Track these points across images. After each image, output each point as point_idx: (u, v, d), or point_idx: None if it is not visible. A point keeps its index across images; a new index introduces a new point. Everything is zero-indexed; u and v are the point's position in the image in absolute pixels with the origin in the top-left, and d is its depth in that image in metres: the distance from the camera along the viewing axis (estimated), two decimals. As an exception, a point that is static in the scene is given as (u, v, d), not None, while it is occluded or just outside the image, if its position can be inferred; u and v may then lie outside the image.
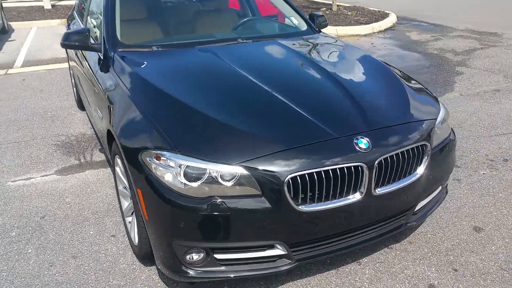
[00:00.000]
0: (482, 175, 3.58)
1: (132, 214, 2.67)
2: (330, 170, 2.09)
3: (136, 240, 2.51)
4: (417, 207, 2.56)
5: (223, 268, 2.17)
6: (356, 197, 2.17)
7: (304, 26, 3.82)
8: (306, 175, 2.05)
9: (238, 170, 2.01)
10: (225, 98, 2.45)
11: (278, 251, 2.18)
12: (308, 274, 2.51)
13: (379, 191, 2.23)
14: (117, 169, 2.70)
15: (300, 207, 2.07)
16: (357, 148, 2.16)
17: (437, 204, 2.76)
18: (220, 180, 2.02)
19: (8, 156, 4.08)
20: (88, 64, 3.46)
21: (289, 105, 2.39)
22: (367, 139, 2.21)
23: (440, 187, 2.73)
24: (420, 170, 2.38)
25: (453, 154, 2.72)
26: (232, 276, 2.17)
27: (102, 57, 3.11)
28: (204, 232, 2.05)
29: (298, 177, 2.05)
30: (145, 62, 2.88)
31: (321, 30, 3.94)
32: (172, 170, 2.04)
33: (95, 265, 2.63)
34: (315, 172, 2.06)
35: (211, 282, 2.44)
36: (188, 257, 2.11)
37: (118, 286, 2.45)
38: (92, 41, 3.21)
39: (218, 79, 2.66)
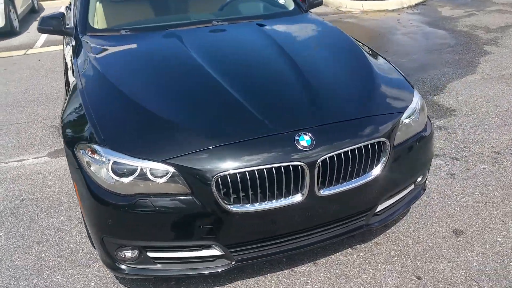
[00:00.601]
0: (482, 170, 3.29)
1: None
2: (265, 170, 1.96)
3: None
4: (379, 208, 2.37)
5: (158, 266, 2.12)
6: (297, 198, 2.03)
7: (291, 5, 3.59)
8: (237, 174, 1.93)
9: (165, 167, 1.92)
10: (169, 90, 2.35)
11: (215, 251, 2.09)
12: (260, 273, 2.41)
13: (325, 192, 2.07)
14: None
15: (231, 207, 1.96)
16: (298, 146, 2.00)
17: (407, 204, 2.55)
18: (150, 177, 1.94)
19: (7, 137, 4.21)
20: (65, 50, 3.46)
21: (235, 97, 2.25)
22: (311, 136, 2.04)
23: (412, 186, 2.51)
24: (377, 170, 2.18)
25: (427, 150, 2.49)
26: (169, 274, 2.12)
27: (73, 42, 3.09)
28: (132, 231, 2.00)
29: (228, 176, 1.93)
30: (104, 48, 2.82)
31: (312, 9, 3.69)
32: (102, 165, 1.98)
33: (56, 251, 2.67)
34: (248, 171, 1.94)
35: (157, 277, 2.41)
36: (120, 253, 2.08)
37: (71, 275, 2.48)
38: (67, 26, 3.18)
39: (170, 68, 2.56)
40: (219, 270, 2.12)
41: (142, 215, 1.95)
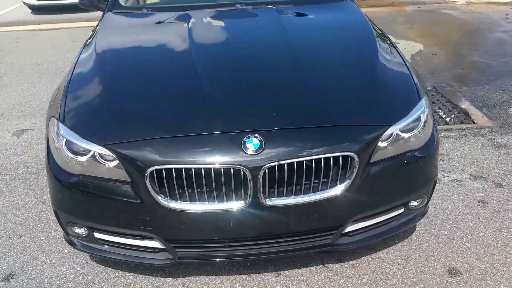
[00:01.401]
0: (524, 204, 2.76)
1: None
2: (203, 170, 1.85)
3: None
4: (350, 229, 2.12)
5: (106, 247, 2.15)
6: (239, 204, 1.89)
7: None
8: (174, 170, 1.85)
9: (107, 152, 1.91)
10: (141, 77, 2.32)
11: (157, 244, 2.05)
12: (217, 272, 2.32)
13: (272, 202, 1.90)
14: None
15: (167, 203, 1.89)
16: (243, 149, 1.85)
17: (394, 229, 2.25)
18: (100, 159, 1.95)
19: None
20: None
21: (203, 90, 2.15)
22: (261, 140, 1.86)
23: (400, 209, 2.20)
24: (340, 187, 1.93)
25: (422, 172, 2.15)
26: (113, 257, 2.14)
27: (101, 17, 3.21)
28: (76, 209, 2.05)
29: (164, 170, 1.86)
30: (113, 26, 2.88)
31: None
32: (59, 141, 2.04)
33: (51, 214, 2.84)
34: (185, 168, 1.85)
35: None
36: (70, 228, 2.14)
37: (53, 238, 2.63)
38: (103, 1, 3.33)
39: (157, 54, 2.53)
40: (160, 263, 2.10)
41: (84, 196, 1.98)
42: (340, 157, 1.91)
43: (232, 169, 1.84)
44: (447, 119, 3.95)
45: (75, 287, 2.27)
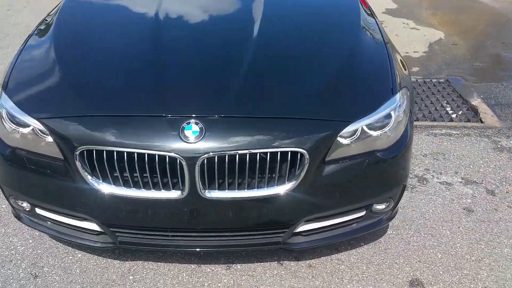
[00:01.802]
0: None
1: None
2: (136, 154, 1.73)
3: None
4: (302, 229, 1.97)
5: (48, 223, 2.09)
6: (175, 194, 1.77)
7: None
8: (105, 152, 1.74)
9: (41, 127, 1.81)
10: (94, 51, 2.19)
11: (96, 226, 1.97)
12: (166, 259, 2.23)
13: (211, 194, 1.77)
14: None
15: (98, 185, 1.79)
16: (181, 136, 1.72)
17: (354, 232, 2.09)
18: (39, 133, 1.86)
19: None
20: None
21: (154, 68, 2.01)
22: (202, 127, 1.72)
23: (361, 212, 2.03)
24: (288, 185, 1.78)
25: (386, 174, 1.98)
26: (56, 235, 2.08)
27: None
28: (15, 183, 1.99)
29: (95, 151, 1.75)
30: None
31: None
32: (1, 111, 1.96)
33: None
34: (117, 151, 1.73)
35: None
36: (14, 201, 2.08)
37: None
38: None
39: (116, 28, 2.39)
40: (100, 246, 2.02)
41: (22, 171, 1.90)
42: (289, 153, 1.75)
43: (167, 157, 1.71)
44: (453, 115, 3.68)
45: (22, 259, 2.23)
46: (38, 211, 2.04)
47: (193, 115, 1.75)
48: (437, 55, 4.86)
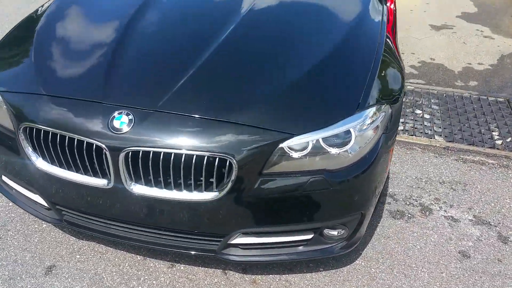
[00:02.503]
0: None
1: None
2: (67, 137, 1.71)
3: None
4: (239, 241, 1.83)
5: (14, 191, 2.15)
6: (101, 182, 1.74)
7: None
8: (42, 131, 1.75)
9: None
10: (71, 36, 2.18)
11: (43, 201, 2.01)
12: (117, 246, 2.23)
13: (136, 188, 1.71)
14: None
15: (35, 162, 1.82)
16: (109, 125, 1.66)
17: (300, 254, 1.90)
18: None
19: None
20: None
21: (116, 54, 1.96)
22: (132, 119, 1.66)
23: (309, 234, 1.84)
24: (213, 193, 1.66)
25: (336, 198, 1.76)
26: (16, 204, 2.16)
27: None
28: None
29: (35, 129, 1.77)
30: None
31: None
32: None
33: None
34: (52, 132, 1.73)
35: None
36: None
37: None
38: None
39: (101, 10, 2.36)
40: (48, 220, 2.06)
41: None
42: (217, 159, 1.62)
43: (94, 145, 1.67)
44: (498, 142, 3.20)
45: (-6, 221, 2.37)
46: (4, 178, 2.13)
47: (126, 105, 1.69)
48: (505, 70, 4.26)
